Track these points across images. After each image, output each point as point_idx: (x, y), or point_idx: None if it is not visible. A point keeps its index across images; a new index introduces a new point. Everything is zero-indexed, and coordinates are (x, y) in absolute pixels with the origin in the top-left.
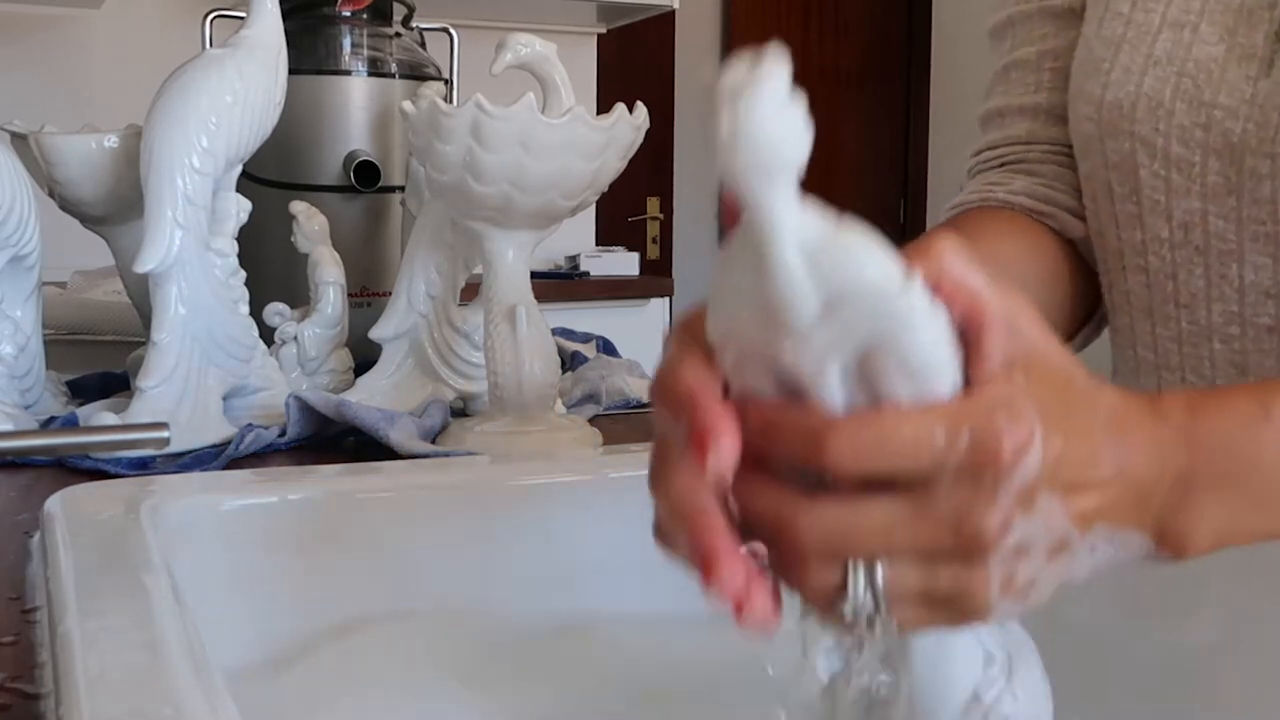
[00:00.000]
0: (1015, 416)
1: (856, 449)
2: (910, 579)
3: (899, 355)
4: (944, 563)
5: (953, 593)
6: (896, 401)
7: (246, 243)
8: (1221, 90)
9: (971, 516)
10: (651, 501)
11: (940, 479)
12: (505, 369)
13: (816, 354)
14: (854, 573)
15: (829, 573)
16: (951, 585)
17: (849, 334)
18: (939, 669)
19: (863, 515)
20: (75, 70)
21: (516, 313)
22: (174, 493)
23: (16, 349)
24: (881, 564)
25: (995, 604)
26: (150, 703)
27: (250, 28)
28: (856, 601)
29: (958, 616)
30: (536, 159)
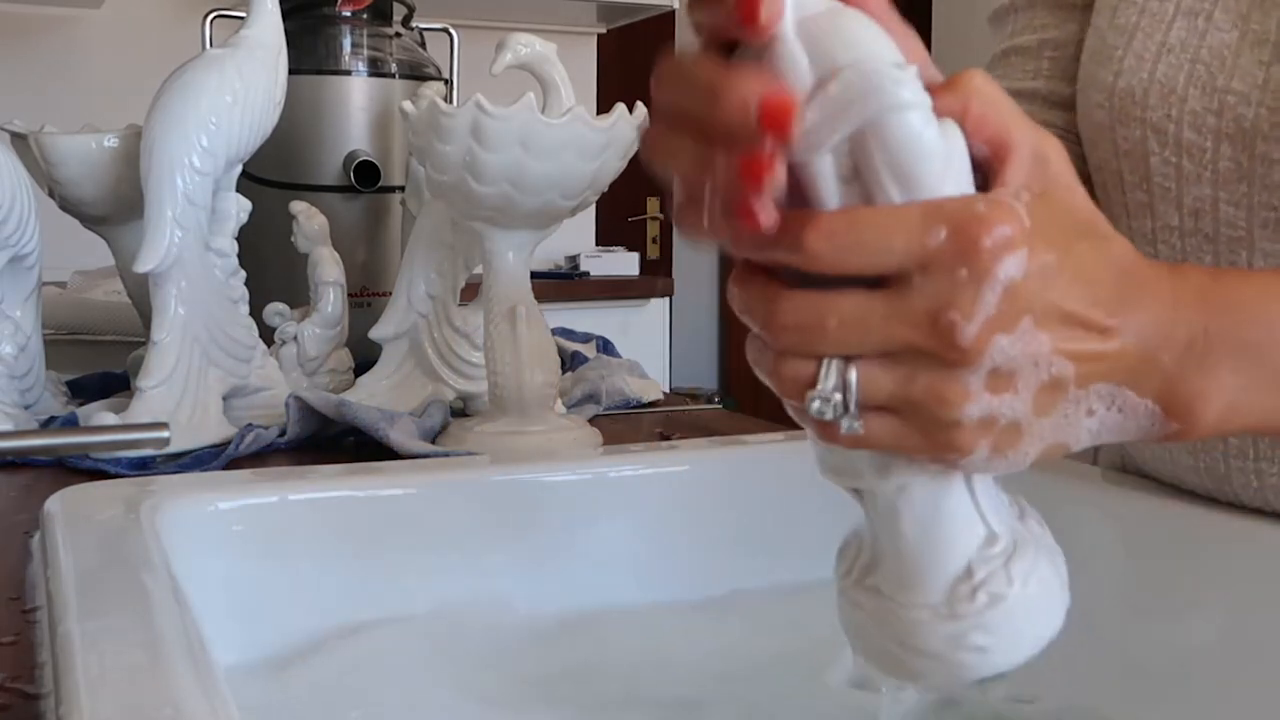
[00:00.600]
0: (1002, 211)
1: (832, 239)
2: (882, 379)
3: (885, 143)
4: (917, 365)
5: (926, 401)
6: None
7: (246, 243)
8: (1235, 76)
9: (947, 311)
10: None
11: (916, 271)
12: (505, 369)
13: (808, 134)
14: (825, 365)
15: (802, 364)
16: (924, 393)
17: (837, 113)
18: (930, 531)
19: (836, 304)
20: (75, 70)
21: (516, 313)
22: (174, 493)
23: (16, 349)
24: (855, 364)
25: (974, 437)
26: (150, 703)
27: (250, 28)
28: (825, 394)
29: (933, 438)
30: (536, 159)
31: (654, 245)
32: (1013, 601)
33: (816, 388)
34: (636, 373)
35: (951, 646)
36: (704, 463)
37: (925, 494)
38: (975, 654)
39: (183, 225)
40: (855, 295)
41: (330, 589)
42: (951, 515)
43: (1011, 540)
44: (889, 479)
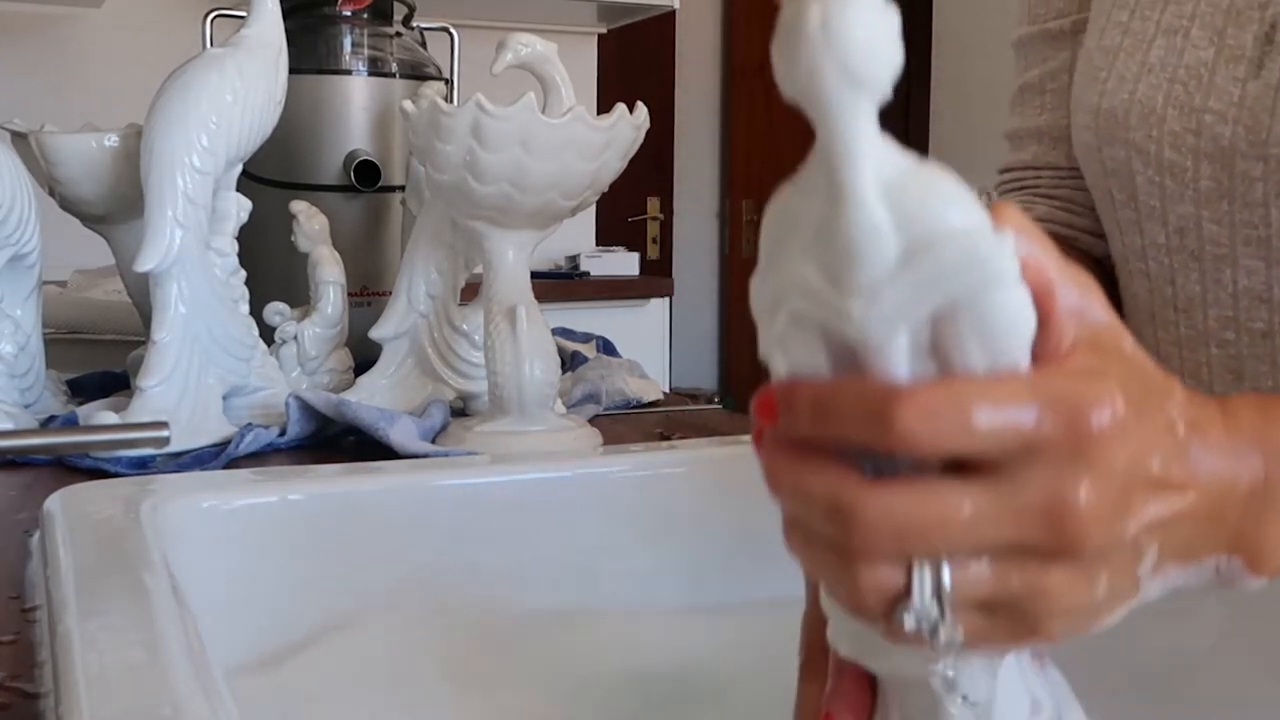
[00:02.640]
0: (1106, 389)
1: (930, 420)
2: (981, 581)
3: (980, 320)
4: (1020, 561)
5: (1026, 597)
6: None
7: (247, 242)
8: (1211, 95)
9: (1065, 503)
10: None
11: (1022, 457)
12: (505, 369)
13: (887, 314)
14: (919, 572)
15: (892, 572)
16: (1026, 588)
17: (928, 290)
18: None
19: (939, 502)
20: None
21: (516, 313)
22: (174, 492)
23: (16, 348)
24: (949, 565)
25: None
26: (150, 702)
27: (251, 27)
28: (922, 609)
29: (1023, 630)
30: (537, 159)
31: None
32: None
33: (912, 600)
34: (636, 373)
35: None
36: (704, 463)
37: (979, 677)
38: None
39: (183, 225)
40: (960, 488)
41: (329, 588)
42: (1003, 695)
43: (1055, 706)
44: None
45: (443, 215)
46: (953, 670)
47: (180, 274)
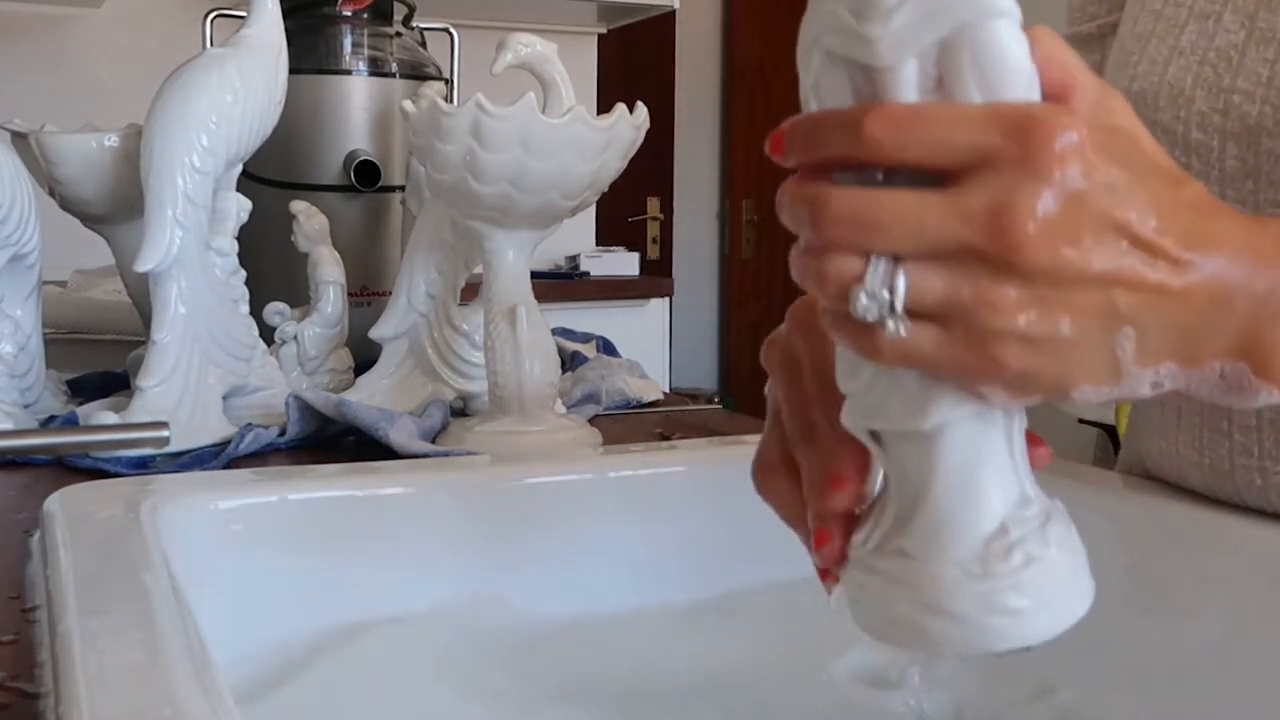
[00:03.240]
0: (1070, 118)
1: (894, 128)
2: (931, 280)
3: (977, 51)
4: (969, 268)
5: (973, 306)
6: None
7: (247, 242)
8: (1240, 75)
9: (1006, 209)
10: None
11: (977, 168)
12: (505, 369)
13: (899, 37)
14: (874, 261)
15: (849, 260)
16: (973, 298)
17: (935, 17)
18: (966, 479)
19: (890, 198)
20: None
21: (516, 313)
22: (174, 492)
23: (16, 348)
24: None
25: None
26: (150, 702)
27: (251, 27)
28: (872, 291)
29: (976, 351)
30: (537, 159)
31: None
32: (1049, 564)
33: (864, 283)
34: (636, 373)
35: (982, 608)
36: (704, 463)
37: (963, 436)
38: (1006, 617)
39: (183, 224)
40: (911, 191)
41: (329, 589)
42: (988, 465)
43: (1044, 509)
44: (926, 417)
45: (443, 215)
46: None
47: (180, 274)
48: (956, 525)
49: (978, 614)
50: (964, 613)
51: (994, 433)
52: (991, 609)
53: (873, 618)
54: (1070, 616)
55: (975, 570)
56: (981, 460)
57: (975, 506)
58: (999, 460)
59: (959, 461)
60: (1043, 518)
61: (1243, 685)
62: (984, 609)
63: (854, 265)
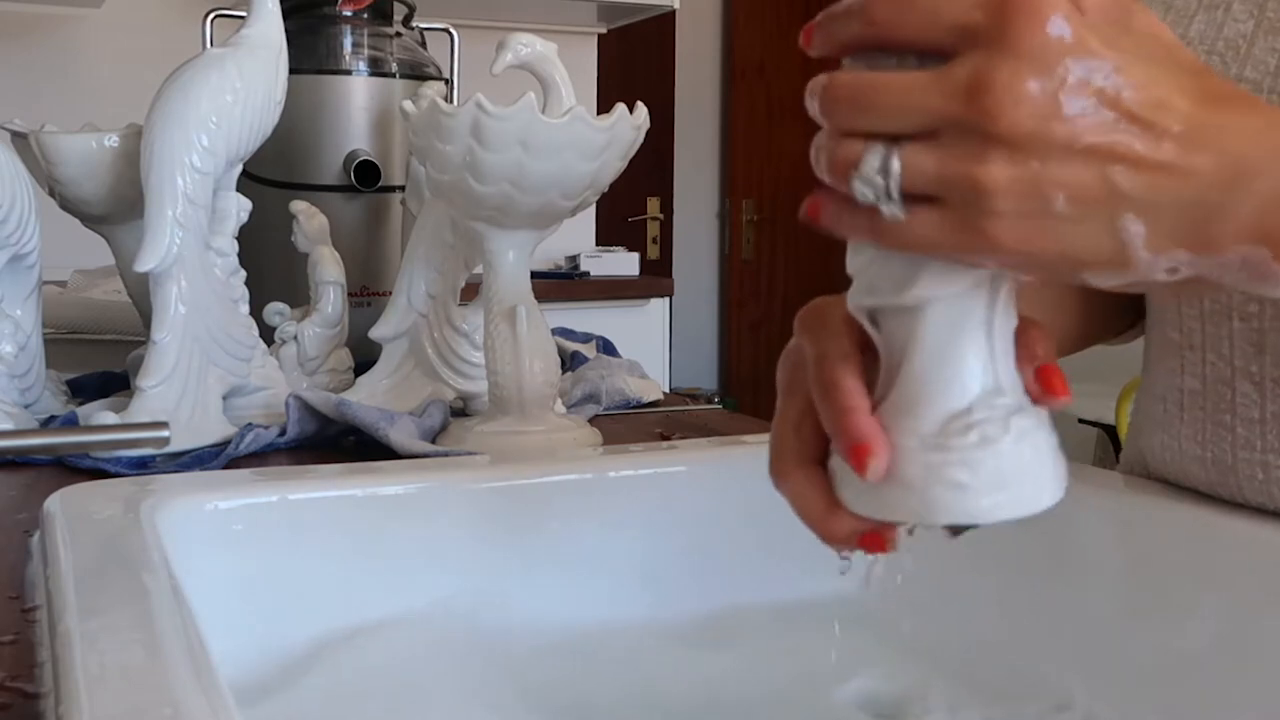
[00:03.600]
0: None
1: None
2: (924, 161)
3: None
4: (959, 145)
5: (964, 182)
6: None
7: (247, 242)
8: (1248, 64)
9: (984, 80)
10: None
11: (961, 44)
12: (505, 369)
13: None
14: (870, 145)
15: (851, 145)
16: (963, 175)
17: None
18: (940, 355)
19: (884, 79)
20: (75, 70)
21: (516, 313)
22: (174, 492)
23: (16, 348)
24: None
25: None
26: (150, 702)
27: (251, 27)
28: (869, 175)
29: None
30: (537, 159)
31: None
32: (1004, 449)
33: (860, 167)
34: (636, 373)
35: (930, 478)
36: (704, 463)
37: (943, 314)
38: (951, 490)
39: (183, 225)
40: (903, 73)
41: (329, 589)
42: (964, 346)
43: (1018, 402)
44: (911, 290)
45: (443, 215)
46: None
47: (180, 274)
48: (924, 399)
49: (925, 483)
50: (913, 480)
51: (974, 318)
52: (939, 480)
53: (844, 487)
54: (1019, 506)
55: (931, 443)
56: (958, 341)
57: (945, 384)
58: (976, 345)
59: (936, 339)
60: (1012, 409)
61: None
62: (932, 479)
63: (854, 149)
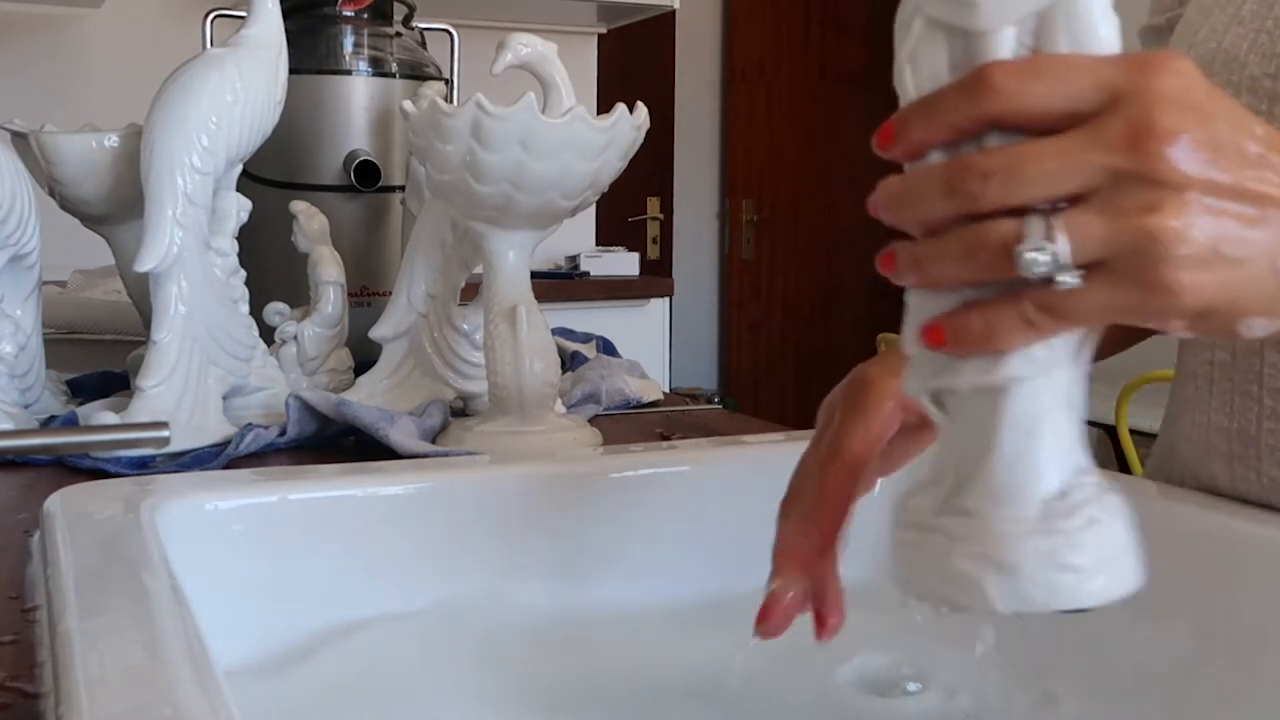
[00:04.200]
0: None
1: (1020, 76)
2: (1091, 221)
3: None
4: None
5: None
6: None
7: (247, 242)
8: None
9: (1146, 126)
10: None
11: (1107, 102)
12: (505, 369)
13: (1000, 4)
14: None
15: (1004, 222)
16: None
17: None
18: (1032, 436)
19: (1034, 146)
20: (75, 70)
21: (517, 313)
22: (174, 492)
23: (16, 348)
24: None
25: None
26: (150, 702)
27: (251, 27)
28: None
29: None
30: (537, 159)
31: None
32: (1109, 529)
33: (1026, 239)
34: (636, 373)
35: (1043, 563)
36: (704, 463)
37: (1030, 394)
38: (1066, 574)
39: (183, 225)
40: (1049, 138)
41: (330, 589)
42: (1052, 425)
43: (1099, 482)
44: (1001, 369)
45: (443, 215)
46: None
47: (180, 274)
48: (1020, 482)
49: (1037, 569)
50: (1024, 567)
51: (1061, 393)
52: (1052, 564)
53: (928, 576)
54: (1126, 585)
55: (1038, 526)
56: (1046, 419)
57: (1039, 465)
58: (1061, 421)
59: (1025, 418)
60: (1101, 486)
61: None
62: (1044, 564)
63: (1010, 225)
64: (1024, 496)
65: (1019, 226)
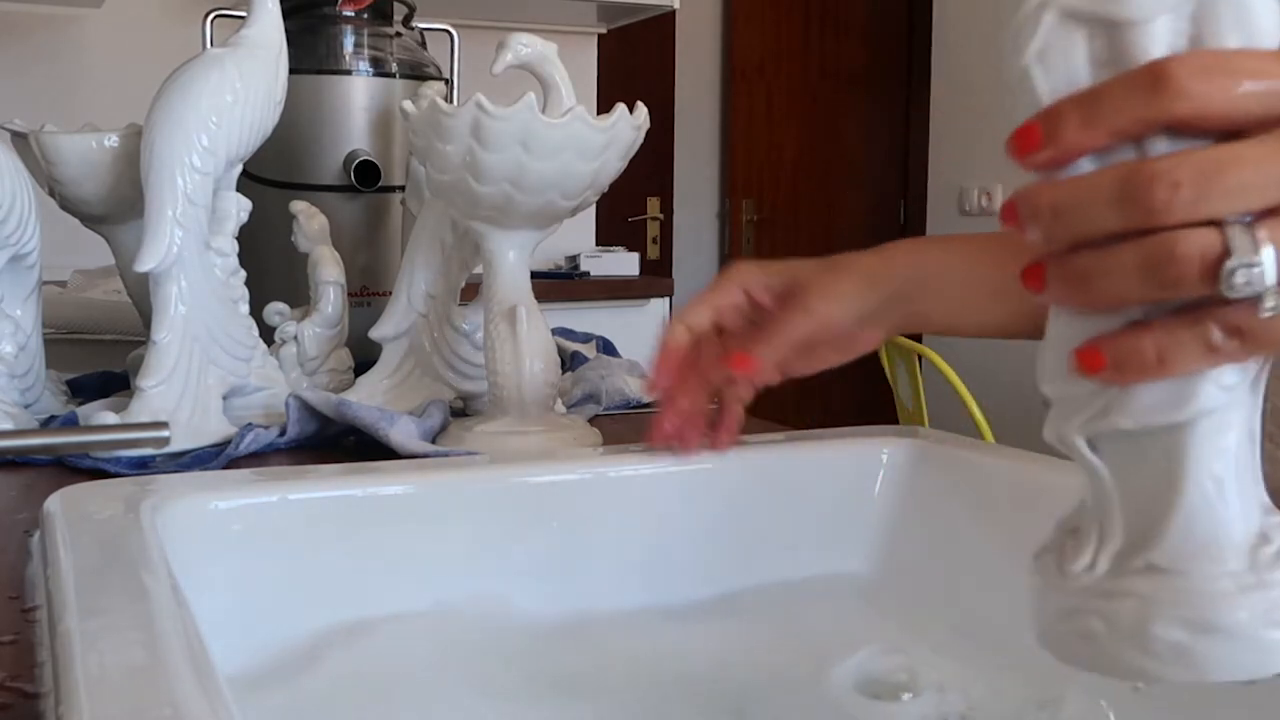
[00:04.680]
0: None
1: (1207, 75)
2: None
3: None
4: None
5: None
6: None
7: (247, 242)
8: None
9: None
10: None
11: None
12: (505, 369)
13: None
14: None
15: (1202, 235)
16: None
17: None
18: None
19: (1230, 153)
20: (75, 70)
21: (517, 313)
22: (174, 492)
23: (16, 348)
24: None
25: None
26: (150, 703)
27: (251, 27)
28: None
29: None
30: (537, 159)
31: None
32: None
33: (1234, 254)
34: (636, 373)
35: (1261, 621)
36: (704, 463)
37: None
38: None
39: (183, 225)
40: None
41: (330, 589)
42: (1241, 463)
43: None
44: (1189, 405)
45: (443, 215)
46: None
47: (180, 274)
48: (1220, 532)
49: (1257, 629)
50: (1242, 628)
51: (1244, 425)
52: (1271, 622)
53: (1124, 647)
54: None
55: (1249, 580)
56: (1235, 457)
57: (1234, 510)
58: (1248, 457)
59: (1214, 457)
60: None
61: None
62: (1263, 623)
63: (1213, 236)
64: (1226, 547)
65: (1221, 239)
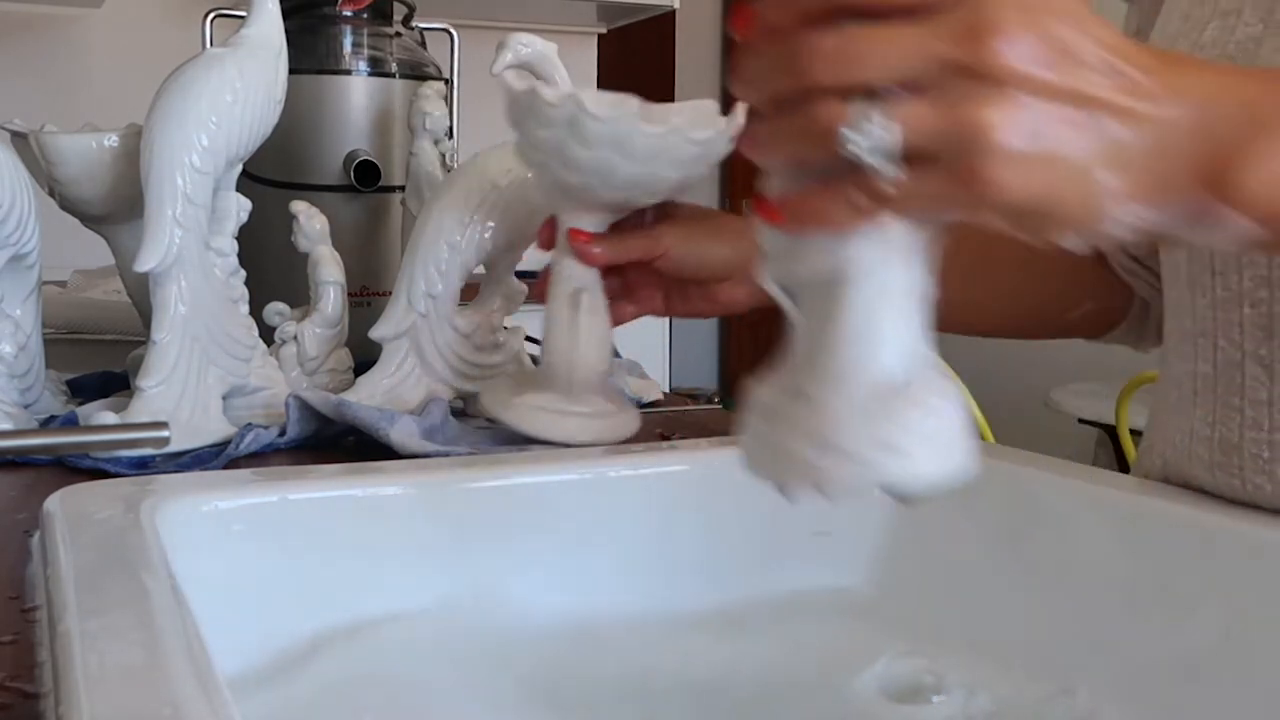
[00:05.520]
0: None
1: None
2: (918, 109)
3: None
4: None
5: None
6: None
7: (247, 242)
8: (1256, 65)
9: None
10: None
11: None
12: (559, 346)
13: None
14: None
15: (834, 103)
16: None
17: None
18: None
19: (872, 31)
20: (75, 70)
21: (580, 299)
22: (174, 492)
23: (16, 348)
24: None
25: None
26: (150, 703)
27: (250, 27)
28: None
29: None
30: (628, 161)
31: None
32: (941, 415)
33: (853, 125)
34: (636, 373)
35: (873, 445)
36: (704, 463)
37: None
38: (894, 456)
39: (183, 224)
40: (889, 24)
41: (330, 589)
42: (890, 311)
43: (936, 364)
44: (840, 251)
45: (444, 214)
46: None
47: (180, 274)
48: (855, 366)
49: (868, 451)
50: (855, 450)
51: (897, 281)
52: (882, 446)
53: (766, 458)
54: (958, 471)
55: (871, 409)
56: (885, 306)
57: (875, 350)
58: (902, 311)
59: (863, 305)
60: (936, 373)
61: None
62: (874, 446)
63: (838, 108)
64: (858, 380)
65: (846, 110)
